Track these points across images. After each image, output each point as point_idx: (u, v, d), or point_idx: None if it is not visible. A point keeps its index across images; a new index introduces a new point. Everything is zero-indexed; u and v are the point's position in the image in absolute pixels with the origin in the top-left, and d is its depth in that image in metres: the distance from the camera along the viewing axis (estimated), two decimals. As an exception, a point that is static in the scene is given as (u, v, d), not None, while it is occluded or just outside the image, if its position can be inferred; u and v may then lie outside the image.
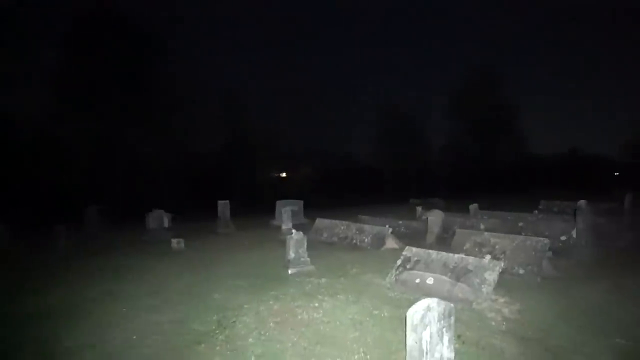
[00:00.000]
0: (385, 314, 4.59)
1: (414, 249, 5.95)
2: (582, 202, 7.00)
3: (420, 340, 2.93)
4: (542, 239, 6.18)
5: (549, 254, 6.23)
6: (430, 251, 5.68)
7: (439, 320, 3.02)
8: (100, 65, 21.16)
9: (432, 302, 3.01)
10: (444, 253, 5.61)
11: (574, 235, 7.12)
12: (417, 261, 5.66)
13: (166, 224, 11.89)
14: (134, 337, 4.15)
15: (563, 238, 7.42)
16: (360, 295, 5.25)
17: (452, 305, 3.06)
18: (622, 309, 4.59)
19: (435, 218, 9.37)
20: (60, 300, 5.43)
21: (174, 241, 8.84)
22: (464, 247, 6.82)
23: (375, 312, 4.65)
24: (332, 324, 4.34)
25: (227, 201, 11.84)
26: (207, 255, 8.11)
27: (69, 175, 20.12)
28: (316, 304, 4.91)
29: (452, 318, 3.04)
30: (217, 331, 4.20)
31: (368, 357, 3.63)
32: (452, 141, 34.95)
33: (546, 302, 4.79)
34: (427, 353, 2.93)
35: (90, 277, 6.62)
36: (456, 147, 34.41)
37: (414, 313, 2.96)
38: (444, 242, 8.47)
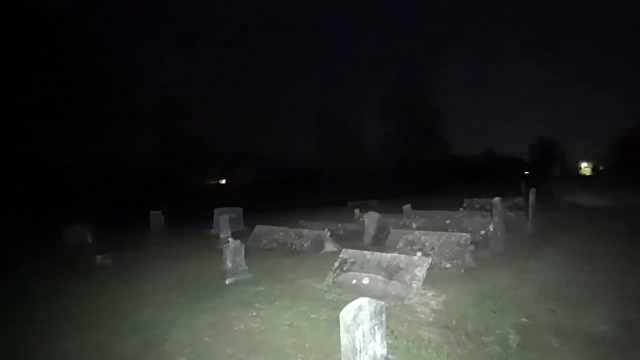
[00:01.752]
0: (323, 317, 4.65)
1: (350, 251, 6.13)
2: (496, 199, 7.81)
3: (354, 339, 3.01)
4: (464, 234, 6.76)
5: (471, 247, 6.83)
6: (366, 252, 5.90)
7: (370, 319, 3.15)
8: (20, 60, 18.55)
9: (364, 301, 3.12)
10: (378, 253, 5.86)
11: (491, 229, 7.91)
12: (354, 262, 5.84)
13: (89, 239, 10.83)
14: (45, 369, 3.69)
15: (482, 232, 8.20)
16: (298, 300, 5.26)
17: (382, 303, 3.20)
18: (524, 291, 5.21)
19: (370, 219, 9.75)
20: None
21: (99, 257, 8.05)
22: (397, 246, 7.19)
23: (313, 315, 4.69)
24: (269, 332, 4.29)
25: (160, 211, 11.13)
26: (137, 269, 7.51)
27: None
28: (253, 313, 4.81)
29: (384, 316, 3.18)
30: (144, 353, 3.90)
31: (306, 361, 3.65)
32: (386, 142, 36.95)
33: (466, 291, 5.23)
34: (360, 351, 3.03)
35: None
36: (388, 148, 36.41)
37: (347, 313, 3.05)
38: (380, 242, 8.84)
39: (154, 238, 10.85)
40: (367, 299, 3.20)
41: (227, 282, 6.14)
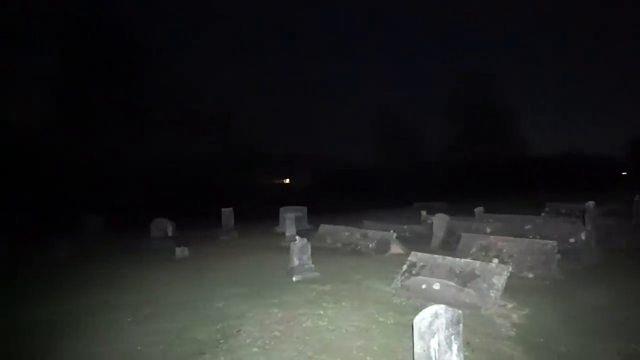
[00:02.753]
0: (391, 320, 4.51)
1: (419, 254, 5.87)
2: (590, 204, 6.90)
3: (428, 348, 2.85)
4: (550, 241, 6.08)
5: (558, 257, 6.12)
6: (436, 256, 5.61)
7: (447, 328, 2.94)
8: (96, 75, 21.42)
9: (440, 308, 2.93)
10: (450, 258, 5.52)
11: (583, 238, 7.01)
12: (423, 266, 5.58)
13: (170, 232, 11.89)
14: (138, 348, 4.08)
15: (572, 240, 7.31)
16: (365, 301, 5.17)
17: (460, 312, 2.98)
18: (627, 312, 4.48)
19: (439, 222, 9.28)
20: (60, 310, 5.37)
21: (178, 249, 8.78)
22: (470, 252, 6.73)
23: (381, 319, 4.56)
24: (337, 332, 4.26)
25: (231, 209, 11.81)
26: (210, 263, 8.05)
27: (68, 184, 20.19)
28: (320, 312, 4.83)
29: (461, 325, 2.96)
30: (221, 341, 4.13)
31: (375, 365, 3.55)
32: (452, 144, 34.95)
33: (555, 306, 4.68)
34: (435, 362, 2.85)
35: (90, 287, 6.55)
36: (455, 150, 34.39)
37: (421, 320, 2.89)
38: (449, 246, 8.37)
39: (224, 234, 11.54)
40: (442, 306, 3.00)
41: (293, 279, 6.27)
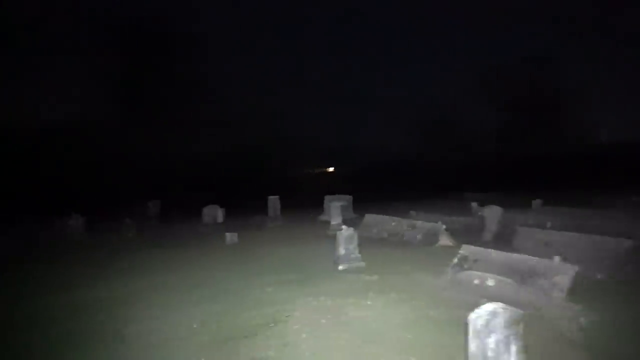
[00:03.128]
0: (441, 315, 4.37)
1: (472, 247, 5.61)
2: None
3: (484, 347, 2.72)
4: (626, 239, 5.50)
5: (634, 257, 5.53)
6: (490, 250, 5.32)
7: (505, 327, 2.78)
8: (148, 76, 22.89)
9: (498, 307, 2.78)
10: (505, 252, 5.22)
11: (662, 236, 6.25)
12: (475, 260, 5.33)
13: (220, 219, 12.47)
14: (194, 326, 4.36)
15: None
16: (413, 294, 5.06)
17: (521, 312, 2.80)
18: None
19: (492, 214, 8.79)
20: (125, 287, 5.88)
21: (228, 235, 9.19)
22: (528, 247, 6.30)
23: (430, 312, 4.45)
24: (385, 323, 4.22)
25: (277, 197, 12.10)
26: (259, 249, 8.34)
27: (134, 173, 22.02)
28: (368, 302, 4.82)
29: (521, 326, 2.78)
30: (271, 324, 4.27)
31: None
32: (500, 131, 32.41)
33: (629, 312, 4.25)
34: (491, 363, 2.72)
35: (150, 268, 7.08)
36: (504, 138, 31.94)
37: (477, 318, 2.77)
38: (503, 240, 7.89)
39: (271, 222, 11.88)
40: (500, 304, 2.84)
41: (339, 268, 6.30)
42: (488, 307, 2.82)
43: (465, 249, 5.62)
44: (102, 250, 8.94)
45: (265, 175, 25.85)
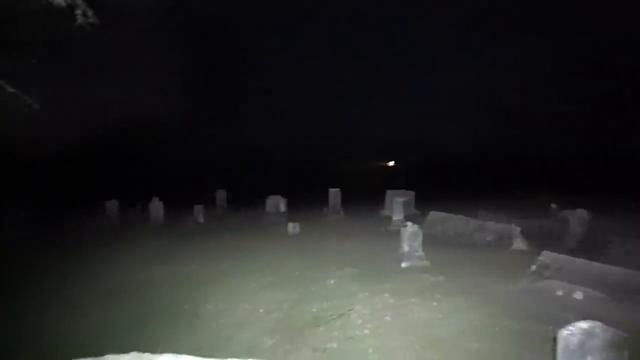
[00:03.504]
0: (516, 326, 4.02)
1: (554, 255, 5.06)
2: None
3: (576, 369, 2.43)
4: None
5: None
6: (580, 259, 4.75)
7: (603, 350, 2.45)
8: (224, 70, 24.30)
9: (596, 326, 2.45)
10: (597, 264, 4.63)
11: None
12: (559, 269, 4.80)
13: (282, 208, 12.86)
14: (260, 311, 4.55)
15: None
16: (484, 300, 4.73)
17: (625, 335, 2.44)
18: None
19: (578, 219, 7.88)
20: (198, 269, 6.34)
21: (290, 225, 9.44)
22: (623, 259, 5.52)
23: (504, 322, 4.11)
24: (452, 329, 4.00)
25: (338, 189, 12.12)
26: (320, 240, 8.44)
27: (202, 163, 23.82)
28: (434, 304, 4.60)
29: (626, 353, 2.42)
30: (334, 317, 4.29)
31: (498, 373, 3.22)
32: (584, 122, 28.33)
33: None
34: (584, 386, 2.42)
35: (219, 252, 7.53)
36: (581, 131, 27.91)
37: (570, 336, 2.47)
38: (590, 249, 7.03)
39: (331, 214, 11.95)
40: (599, 323, 2.51)
41: (402, 265, 6.12)
42: (583, 325, 2.51)
43: (547, 256, 5.09)
44: (176, 234, 9.75)
45: (326, 168, 26.16)
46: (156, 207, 11.85)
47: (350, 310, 4.44)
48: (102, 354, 2.66)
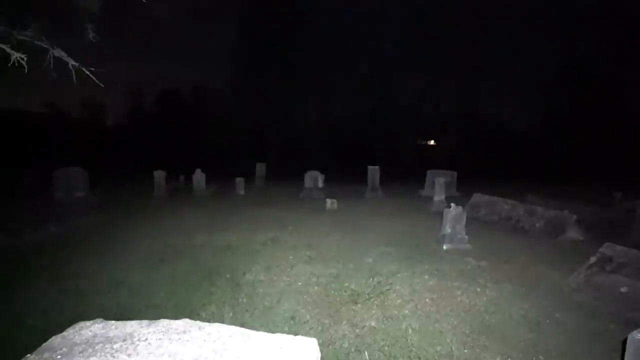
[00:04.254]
0: (572, 320, 3.75)
1: (619, 247, 4.61)
2: None
3: (649, 374, 2.19)
4: None
5: None
6: (650, 254, 4.29)
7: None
8: (267, 43, 24.04)
9: (677, 329, 2.18)
10: (670, 259, 4.15)
11: None
12: (623, 264, 4.38)
13: (320, 183, 12.86)
14: (299, 283, 4.59)
15: None
16: (534, 289, 4.45)
17: None
18: None
19: (645, 209, 7.12)
20: (239, 240, 6.48)
21: (328, 201, 9.42)
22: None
23: (557, 315, 3.85)
24: (499, 316, 3.81)
25: (377, 167, 11.86)
26: (358, 217, 8.36)
27: (243, 137, 24.28)
28: (478, 289, 4.41)
29: None
30: (372, 295, 4.24)
31: (550, 367, 3.03)
32: None
33: None
34: (657, 393, 2.18)
35: (259, 224, 7.65)
36: None
37: (642, 337, 2.22)
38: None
39: (369, 192, 11.78)
40: (679, 326, 2.23)
41: (444, 247, 5.91)
42: (659, 327, 2.25)
43: (609, 248, 4.66)
44: (217, 205, 10.06)
45: (367, 145, 25.75)
46: (199, 178, 12.29)
47: (388, 289, 4.36)
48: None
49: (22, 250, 5.96)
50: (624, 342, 2.28)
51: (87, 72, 4.32)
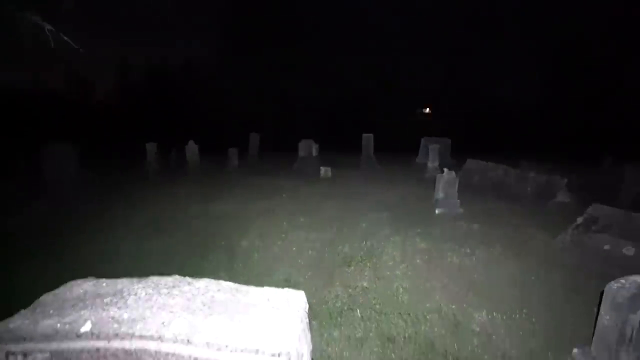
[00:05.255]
0: (557, 278, 3.89)
1: (605, 208, 4.72)
2: None
3: (623, 324, 2.30)
4: None
5: None
6: (636, 214, 4.39)
7: (658, 305, 2.29)
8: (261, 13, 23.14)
9: (653, 281, 2.28)
10: (655, 219, 4.26)
11: None
12: (608, 225, 4.49)
13: (314, 152, 12.80)
14: (294, 249, 4.68)
15: None
16: (522, 250, 4.58)
17: (687, 290, 2.25)
18: None
19: (634, 173, 7.23)
20: (234, 209, 6.51)
21: (322, 169, 9.44)
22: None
23: (543, 273, 3.99)
24: (488, 275, 3.95)
25: (371, 135, 11.78)
26: (352, 185, 8.41)
27: (237, 107, 23.87)
28: (468, 250, 4.53)
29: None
30: (365, 258, 4.35)
31: (533, 319, 3.17)
32: None
33: None
34: (630, 341, 2.30)
35: (254, 194, 7.65)
36: None
37: (619, 289, 2.32)
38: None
39: (364, 159, 11.77)
40: (656, 278, 2.32)
41: (436, 212, 6.01)
42: (636, 279, 2.34)
43: (596, 209, 4.76)
44: (210, 176, 10.02)
45: (362, 113, 25.45)
46: (192, 149, 12.17)
47: (381, 252, 4.47)
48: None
49: (12, 227, 5.94)
50: (602, 292, 2.37)
51: (65, 38, 4.16)
